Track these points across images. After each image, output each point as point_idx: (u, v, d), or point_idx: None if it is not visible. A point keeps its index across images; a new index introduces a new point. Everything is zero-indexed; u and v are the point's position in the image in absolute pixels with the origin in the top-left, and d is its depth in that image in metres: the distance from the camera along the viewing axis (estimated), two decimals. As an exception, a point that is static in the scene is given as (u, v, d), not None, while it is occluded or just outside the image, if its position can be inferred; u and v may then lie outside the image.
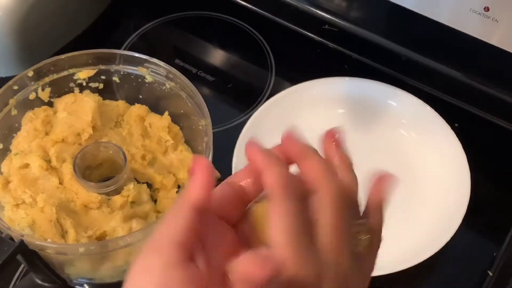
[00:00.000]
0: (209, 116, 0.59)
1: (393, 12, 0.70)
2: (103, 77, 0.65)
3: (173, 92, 0.64)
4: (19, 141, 0.62)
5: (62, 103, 0.64)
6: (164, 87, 0.64)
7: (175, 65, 0.79)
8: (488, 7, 0.61)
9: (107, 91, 0.66)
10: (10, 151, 0.62)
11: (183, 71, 0.63)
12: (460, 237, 0.61)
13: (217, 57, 0.85)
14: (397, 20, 0.72)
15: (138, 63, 0.64)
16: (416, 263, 0.60)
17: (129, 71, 0.65)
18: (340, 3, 0.75)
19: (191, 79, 0.62)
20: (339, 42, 0.77)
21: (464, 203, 0.63)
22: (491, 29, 0.62)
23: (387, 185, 0.38)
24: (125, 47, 0.82)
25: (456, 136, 0.69)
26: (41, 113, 0.63)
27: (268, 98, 0.75)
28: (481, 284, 0.61)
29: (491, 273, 0.62)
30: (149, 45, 0.84)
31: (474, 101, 0.71)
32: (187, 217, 0.33)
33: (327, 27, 0.75)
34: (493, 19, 0.61)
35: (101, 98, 0.66)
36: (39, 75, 0.63)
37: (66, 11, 0.79)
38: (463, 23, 0.64)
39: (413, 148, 0.71)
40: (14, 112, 0.62)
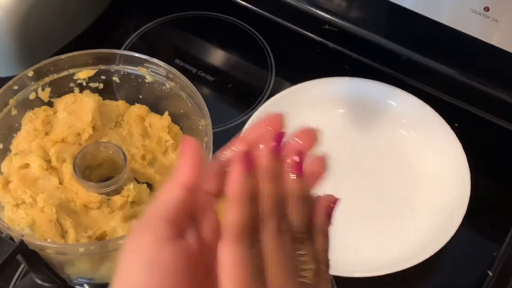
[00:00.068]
0: (209, 116, 0.59)
1: (393, 12, 0.70)
2: (103, 77, 0.65)
3: (173, 92, 0.64)
4: (19, 141, 0.62)
5: (62, 103, 0.64)
6: (164, 87, 0.64)
7: (175, 65, 0.79)
8: (488, 7, 0.61)
9: (107, 91, 0.66)
10: (10, 151, 0.62)
11: (183, 71, 0.63)
12: (460, 237, 0.61)
13: (217, 57, 0.85)
14: (397, 20, 0.72)
15: (138, 63, 0.64)
16: (416, 263, 0.60)
17: (129, 71, 0.65)
18: (340, 3, 0.75)
19: (191, 79, 0.62)
20: (339, 42, 0.77)
21: (464, 203, 0.63)
22: (491, 29, 0.62)
23: (331, 205, 0.36)
24: (125, 47, 0.82)
25: (456, 136, 0.68)
26: (41, 113, 0.63)
27: (268, 98, 0.75)
28: (481, 284, 0.61)
29: (491, 273, 0.62)
30: (149, 45, 0.84)
31: (474, 101, 0.70)
32: (177, 195, 0.34)
33: (327, 27, 0.75)
34: (493, 19, 0.61)
35: (101, 98, 0.66)
36: (39, 75, 0.63)
37: (66, 11, 0.79)
38: (463, 23, 0.64)
39: (413, 148, 0.71)
40: (14, 112, 0.62)
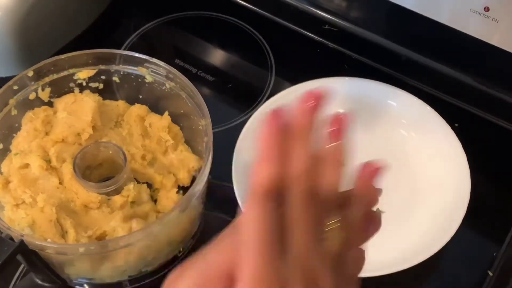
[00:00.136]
0: (209, 116, 0.59)
1: (393, 12, 0.70)
2: (103, 77, 0.65)
3: (173, 92, 0.64)
4: (19, 141, 0.62)
5: (62, 103, 0.64)
6: (164, 87, 0.64)
7: (175, 65, 0.79)
8: (488, 7, 0.61)
9: (107, 91, 0.66)
10: (10, 151, 0.62)
11: (183, 71, 0.63)
12: (460, 237, 0.61)
13: (217, 57, 0.85)
14: (397, 20, 0.72)
15: (138, 63, 0.64)
16: (416, 263, 0.59)
17: (129, 71, 0.65)
18: (340, 3, 0.75)
19: (191, 79, 0.62)
20: (339, 42, 0.76)
21: (464, 203, 0.63)
22: (491, 29, 0.62)
23: (374, 173, 0.34)
24: (125, 47, 0.82)
25: (456, 136, 0.68)
26: (41, 113, 0.63)
27: (268, 98, 0.75)
28: (481, 284, 0.61)
29: (491, 273, 0.62)
30: (149, 45, 0.84)
31: (474, 101, 0.70)
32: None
33: (327, 27, 0.75)
34: (493, 19, 0.61)
35: (101, 98, 0.66)
36: (39, 75, 0.63)
37: (66, 11, 0.79)
38: (463, 23, 0.64)
39: (413, 148, 0.70)
40: (14, 112, 0.62)
